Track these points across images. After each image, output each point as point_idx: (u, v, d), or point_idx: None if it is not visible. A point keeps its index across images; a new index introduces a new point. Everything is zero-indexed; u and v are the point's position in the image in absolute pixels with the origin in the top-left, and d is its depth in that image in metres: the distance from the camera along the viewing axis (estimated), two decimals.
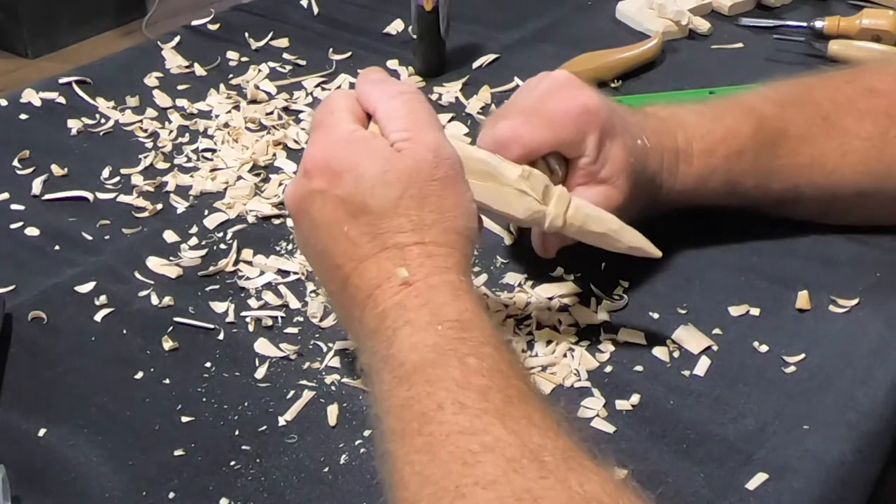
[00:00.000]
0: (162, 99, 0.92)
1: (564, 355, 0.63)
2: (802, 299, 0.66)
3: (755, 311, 0.66)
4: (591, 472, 0.44)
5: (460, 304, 0.51)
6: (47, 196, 0.79)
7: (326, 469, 0.56)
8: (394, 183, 0.53)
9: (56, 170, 0.82)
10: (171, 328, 0.66)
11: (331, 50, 1.00)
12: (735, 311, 0.66)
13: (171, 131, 0.87)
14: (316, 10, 1.09)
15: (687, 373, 0.62)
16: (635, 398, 0.60)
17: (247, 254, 0.72)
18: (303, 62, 0.98)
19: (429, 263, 0.52)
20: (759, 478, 0.54)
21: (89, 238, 0.75)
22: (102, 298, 0.68)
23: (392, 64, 0.98)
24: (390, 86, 0.58)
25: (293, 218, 0.57)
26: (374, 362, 0.52)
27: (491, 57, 0.99)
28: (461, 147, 0.57)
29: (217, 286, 0.69)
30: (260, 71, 0.96)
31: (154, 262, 0.71)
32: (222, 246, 0.73)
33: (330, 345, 0.64)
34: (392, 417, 0.49)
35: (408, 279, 0.52)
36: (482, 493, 0.43)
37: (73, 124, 0.88)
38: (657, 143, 0.67)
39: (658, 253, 0.62)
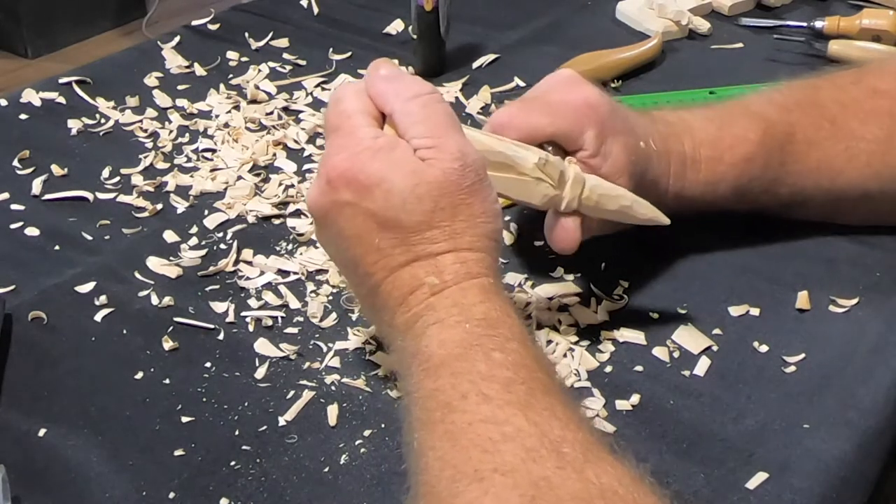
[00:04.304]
0: (162, 99, 0.92)
1: (564, 355, 0.63)
2: (802, 299, 0.66)
3: (755, 311, 0.66)
4: (609, 465, 0.45)
5: (489, 304, 0.52)
6: (47, 196, 0.79)
7: (326, 469, 0.56)
8: (425, 197, 0.53)
9: (56, 170, 0.82)
10: (171, 328, 0.66)
11: (331, 50, 1.00)
12: (735, 311, 0.66)
13: (171, 131, 0.87)
14: (316, 10, 1.09)
15: (687, 373, 0.62)
16: (635, 398, 0.60)
17: (247, 254, 0.72)
18: (303, 62, 0.98)
19: (462, 270, 0.53)
20: (760, 477, 0.55)
21: (89, 238, 0.75)
22: (102, 298, 0.68)
23: None
24: (406, 86, 0.56)
25: (317, 223, 0.57)
26: (403, 358, 0.53)
27: (491, 57, 0.99)
28: (479, 139, 0.57)
29: (217, 286, 0.69)
30: (260, 71, 0.96)
31: (154, 262, 0.71)
32: (222, 246, 0.73)
33: (330, 345, 0.64)
34: (418, 408, 0.50)
35: (439, 286, 0.52)
36: (500, 478, 0.44)
37: (73, 124, 0.88)
38: (664, 148, 0.66)
39: (666, 220, 0.64)
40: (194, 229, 0.75)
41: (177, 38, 1.02)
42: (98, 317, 0.67)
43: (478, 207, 0.54)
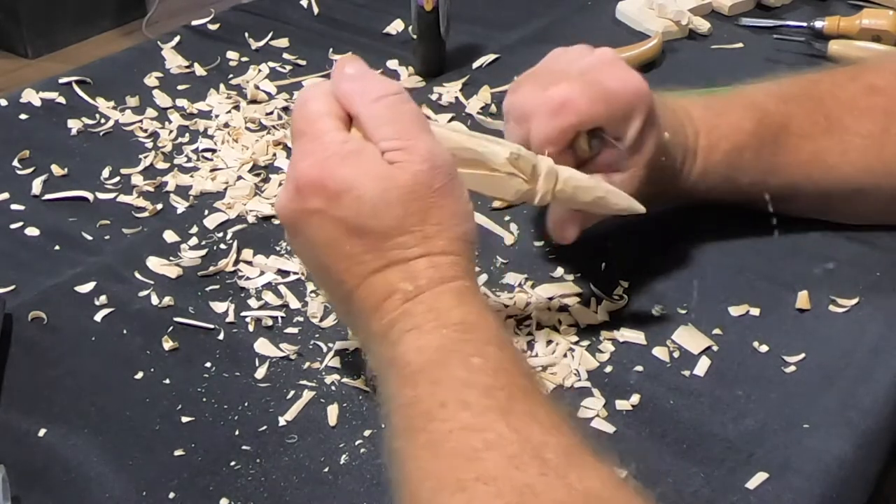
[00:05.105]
0: (162, 99, 0.92)
1: (564, 355, 0.63)
2: (802, 299, 0.66)
3: (755, 311, 0.66)
4: (592, 469, 0.45)
5: (465, 308, 0.52)
6: (47, 196, 0.79)
7: (326, 469, 0.56)
8: (394, 202, 0.52)
9: (56, 170, 0.82)
10: (171, 328, 0.66)
11: (331, 50, 1.00)
12: (735, 311, 0.66)
13: (171, 131, 0.87)
14: (316, 10, 1.09)
15: (687, 373, 0.62)
16: (635, 398, 0.60)
17: (247, 254, 0.72)
18: (303, 62, 0.98)
19: (436, 275, 0.52)
20: (760, 477, 0.55)
21: (89, 238, 0.75)
22: (102, 298, 0.68)
23: (392, 64, 0.98)
24: (371, 86, 0.55)
25: (288, 232, 0.56)
26: (381, 365, 0.52)
27: (491, 57, 0.99)
28: (448, 137, 0.57)
29: (217, 286, 0.69)
30: (260, 71, 0.96)
31: (154, 262, 0.71)
32: (222, 246, 0.73)
33: (330, 345, 0.64)
34: (398, 416, 0.49)
35: (413, 292, 0.52)
36: (483, 487, 0.43)
37: (73, 124, 0.88)
38: (674, 138, 0.66)
39: (642, 209, 0.63)
40: (194, 229, 0.75)
41: (177, 38, 1.02)
42: (98, 317, 0.67)
43: (449, 210, 0.53)
